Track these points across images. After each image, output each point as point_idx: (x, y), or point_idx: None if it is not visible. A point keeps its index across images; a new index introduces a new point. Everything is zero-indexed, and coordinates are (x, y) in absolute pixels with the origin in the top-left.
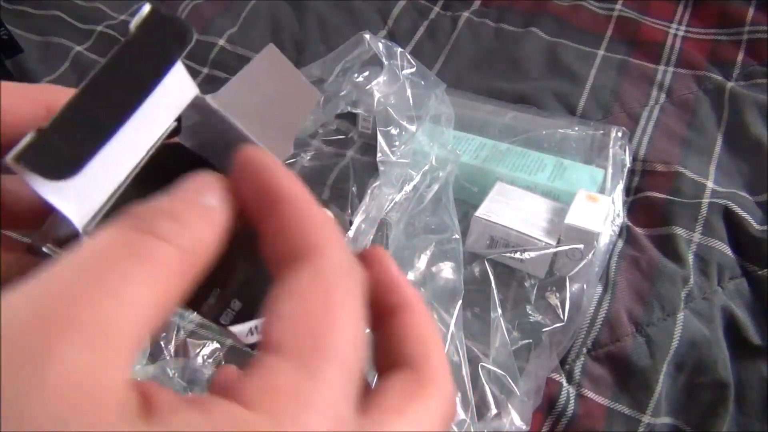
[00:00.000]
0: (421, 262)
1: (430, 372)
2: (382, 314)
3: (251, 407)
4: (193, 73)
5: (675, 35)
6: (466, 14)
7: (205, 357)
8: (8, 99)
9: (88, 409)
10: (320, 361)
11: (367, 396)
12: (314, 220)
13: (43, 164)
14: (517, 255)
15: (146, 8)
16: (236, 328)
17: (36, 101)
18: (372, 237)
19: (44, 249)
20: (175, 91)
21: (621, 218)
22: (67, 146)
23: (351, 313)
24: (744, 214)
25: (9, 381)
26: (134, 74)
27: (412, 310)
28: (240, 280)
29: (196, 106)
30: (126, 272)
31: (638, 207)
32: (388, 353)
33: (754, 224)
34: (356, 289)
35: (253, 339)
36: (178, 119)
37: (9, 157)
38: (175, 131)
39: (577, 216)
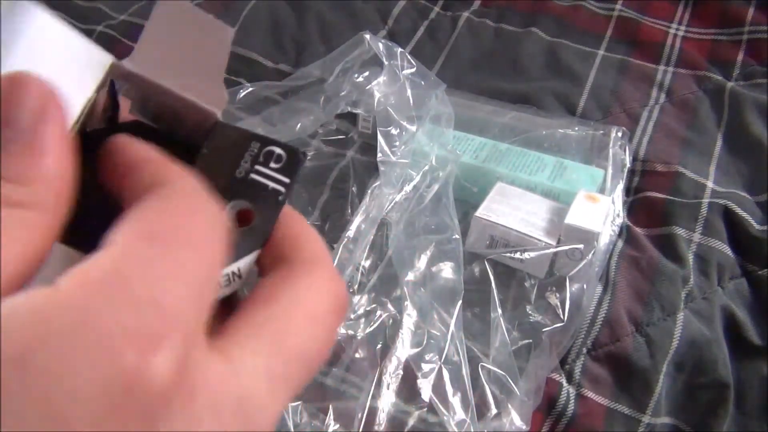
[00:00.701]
0: (421, 262)
1: (302, 254)
2: None
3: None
4: None
5: (675, 35)
6: (466, 14)
7: None
8: None
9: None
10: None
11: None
12: (158, 160)
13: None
14: (517, 255)
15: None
16: None
17: None
18: (372, 237)
19: None
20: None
21: (621, 218)
22: None
23: (207, 216)
24: (744, 214)
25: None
26: None
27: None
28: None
29: (118, 74)
30: None
31: (638, 207)
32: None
33: (754, 224)
34: (212, 211)
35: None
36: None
37: None
38: (112, 107)
39: (577, 216)
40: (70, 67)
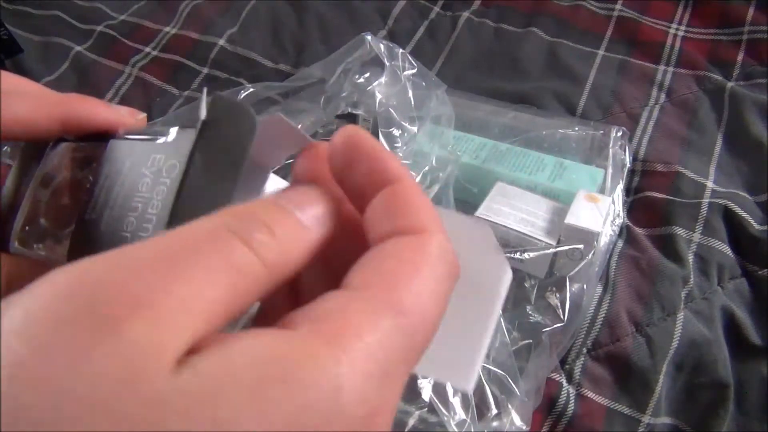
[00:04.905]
0: None
1: (426, 227)
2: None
3: (292, 328)
4: (193, 73)
5: (675, 35)
6: (466, 14)
7: None
8: (29, 107)
9: (143, 376)
10: (386, 303)
11: None
12: (425, 203)
13: None
14: (517, 255)
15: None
16: None
17: (52, 115)
18: None
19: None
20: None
21: (621, 218)
22: None
23: (438, 281)
24: (744, 214)
25: (81, 339)
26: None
27: (400, 182)
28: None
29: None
30: (204, 266)
31: (638, 207)
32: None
33: (754, 224)
34: (450, 278)
35: None
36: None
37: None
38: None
39: (577, 216)
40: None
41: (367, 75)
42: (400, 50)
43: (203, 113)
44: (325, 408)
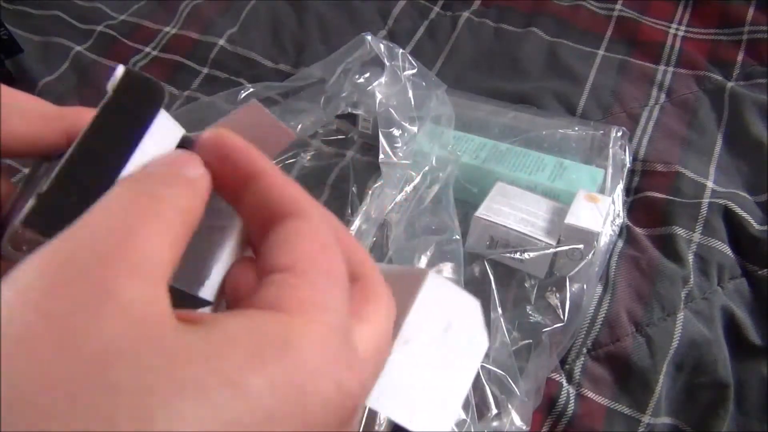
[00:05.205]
0: (422, 263)
1: (374, 284)
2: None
3: (291, 314)
4: (193, 73)
5: (675, 35)
6: (466, 14)
7: None
8: (29, 124)
9: (151, 330)
10: (331, 281)
11: None
12: (294, 187)
13: (45, 227)
14: (517, 255)
15: (120, 70)
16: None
17: (55, 129)
18: (374, 238)
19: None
20: (162, 139)
21: (621, 218)
22: (67, 209)
23: (338, 253)
24: (744, 214)
25: (79, 311)
26: (117, 134)
27: (342, 231)
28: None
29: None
30: (149, 223)
31: (638, 207)
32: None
33: (754, 224)
34: (334, 239)
35: None
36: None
37: (17, 223)
38: None
39: (577, 216)
40: (157, 143)
41: (367, 75)
42: (400, 50)
43: (111, 85)
44: (311, 365)
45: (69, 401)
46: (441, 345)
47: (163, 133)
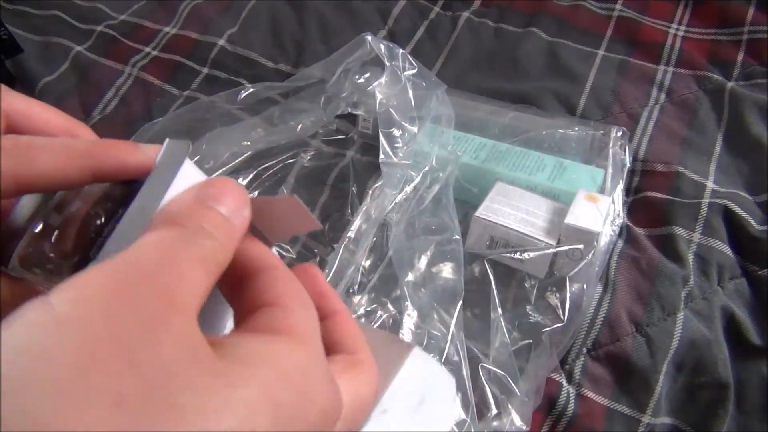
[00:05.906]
0: (422, 263)
1: (360, 356)
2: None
3: (289, 336)
4: (193, 73)
5: (675, 35)
6: (466, 14)
7: None
8: (56, 163)
9: (199, 355)
10: (309, 312)
11: None
12: (260, 246)
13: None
14: (517, 255)
15: (166, 143)
16: None
17: (81, 168)
18: (374, 238)
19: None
20: (186, 184)
21: (621, 218)
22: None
23: (306, 292)
24: (744, 214)
25: (144, 336)
26: (153, 189)
27: (342, 314)
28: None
29: None
30: (195, 267)
31: (638, 207)
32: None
33: (754, 224)
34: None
35: None
36: None
37: (47, 245)
38: None
39: (577, 216)
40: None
41: (367, 75)
42: (400, 50)
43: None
44: (313, 379)
45: (137, 416)
46: (414, 417)
47: (187, 180)
